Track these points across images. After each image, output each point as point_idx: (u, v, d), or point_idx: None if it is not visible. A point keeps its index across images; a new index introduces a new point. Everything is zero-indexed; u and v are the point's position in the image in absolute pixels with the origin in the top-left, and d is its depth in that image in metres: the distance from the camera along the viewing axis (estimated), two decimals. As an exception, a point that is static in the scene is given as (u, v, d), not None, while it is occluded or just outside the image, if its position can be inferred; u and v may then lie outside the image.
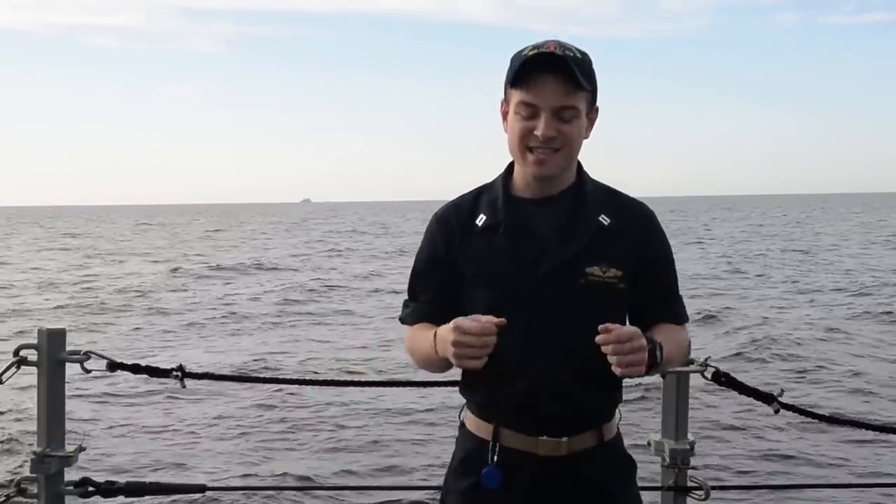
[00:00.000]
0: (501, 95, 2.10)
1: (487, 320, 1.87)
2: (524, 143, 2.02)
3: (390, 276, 24.21)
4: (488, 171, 2.20)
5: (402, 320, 2.19)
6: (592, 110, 2.07)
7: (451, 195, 2.18)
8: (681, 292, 2.19)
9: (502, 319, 1.88)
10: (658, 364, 1.94)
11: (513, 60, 2.04)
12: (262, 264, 28.93)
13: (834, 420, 3.32)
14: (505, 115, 2.09)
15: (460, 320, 1.89)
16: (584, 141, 2.08)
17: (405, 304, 2.19)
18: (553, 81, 1.98)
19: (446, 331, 1.92)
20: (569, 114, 2.00)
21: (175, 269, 27.14)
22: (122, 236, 55.45)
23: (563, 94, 1.99)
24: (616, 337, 1.85)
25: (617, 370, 1.87)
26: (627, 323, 2.10)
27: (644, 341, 1.88)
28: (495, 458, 2.01)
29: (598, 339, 1.86)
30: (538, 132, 1.98)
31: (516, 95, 2.02)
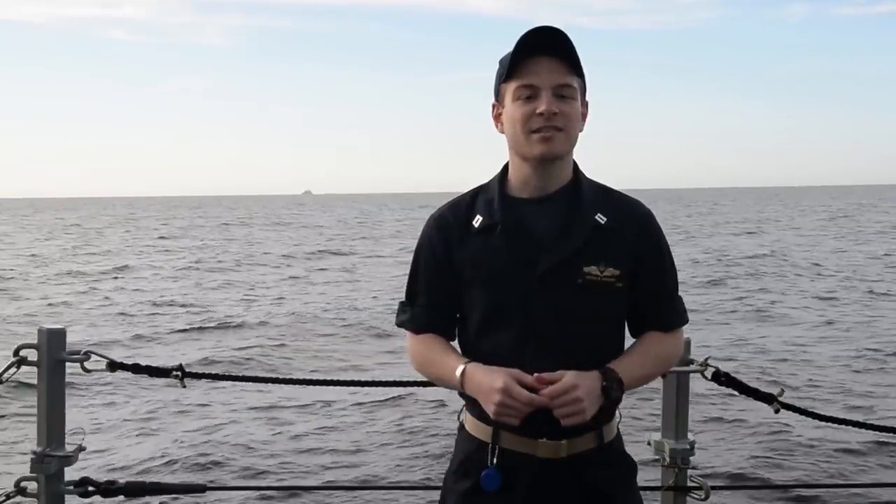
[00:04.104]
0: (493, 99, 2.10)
1: (536, 382, 1.91)
2: (526, 126, 2.01)
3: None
4: (489, 170, 2.16)
5: (402, 325, 2.18)
6: (584, 103, 2.08)
7: (455, 189, 2.17)
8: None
9: (551, 386, 1.91)
10: (617, 399, 1.99)
11: (501, 62, 2.06)
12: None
13: (834, 420, 3.32)
14: (497, 117, 2.10)
15: (511, 383, 1.90)
16: (580, 135, 2.08)
17: (402, 308, 2.18)
18: (550, 62, 1.99)
19: (488, 382, 1.93)
20: (568, 92, 2.01)
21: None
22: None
23: (562, 73, 2.00)
24: (550, 394, 1.90)
25: (562, 422, 1.92)
26: (626, 325, 2.11)
27: (579, 394, 1.90)
28: (495, 460, 2.01)
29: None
30: (541, 109, 1.98)
31: (514, 83, 2.02)
